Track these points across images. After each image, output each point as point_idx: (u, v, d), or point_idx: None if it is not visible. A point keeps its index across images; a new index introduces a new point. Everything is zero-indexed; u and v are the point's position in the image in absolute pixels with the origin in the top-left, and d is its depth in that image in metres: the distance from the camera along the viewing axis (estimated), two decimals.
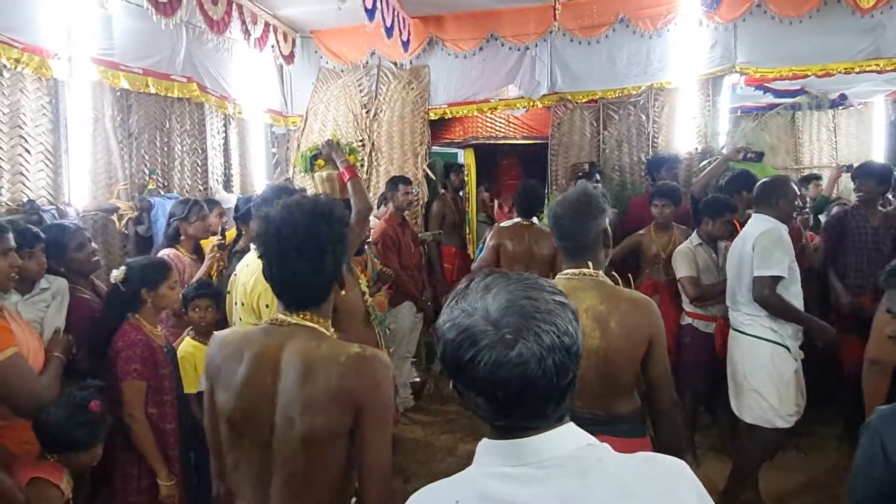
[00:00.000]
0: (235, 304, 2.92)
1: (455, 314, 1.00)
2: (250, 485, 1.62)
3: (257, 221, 1.74)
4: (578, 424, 2.08)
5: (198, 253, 3.94)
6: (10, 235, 2.34)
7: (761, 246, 3.21)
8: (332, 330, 1.71)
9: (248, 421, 1.60)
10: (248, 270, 2.86)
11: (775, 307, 3.22)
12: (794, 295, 3.28)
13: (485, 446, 1.04)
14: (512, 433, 1.00)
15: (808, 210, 6.24)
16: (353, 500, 1.69)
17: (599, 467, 0.99)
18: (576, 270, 2.14)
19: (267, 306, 2.74)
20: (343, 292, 1.77)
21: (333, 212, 1.69)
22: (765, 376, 3.29)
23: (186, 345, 3.05)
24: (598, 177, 5.65)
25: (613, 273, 2.26)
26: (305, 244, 1.61)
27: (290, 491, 1.57)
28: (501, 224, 4.65)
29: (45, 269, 2.68)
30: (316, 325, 1.65)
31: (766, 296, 3.19)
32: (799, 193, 3.52)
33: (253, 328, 1.77)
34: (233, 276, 3.01)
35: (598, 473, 0.98)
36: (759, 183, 3.56)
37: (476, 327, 0.97)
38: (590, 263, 2.13)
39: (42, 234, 2.69)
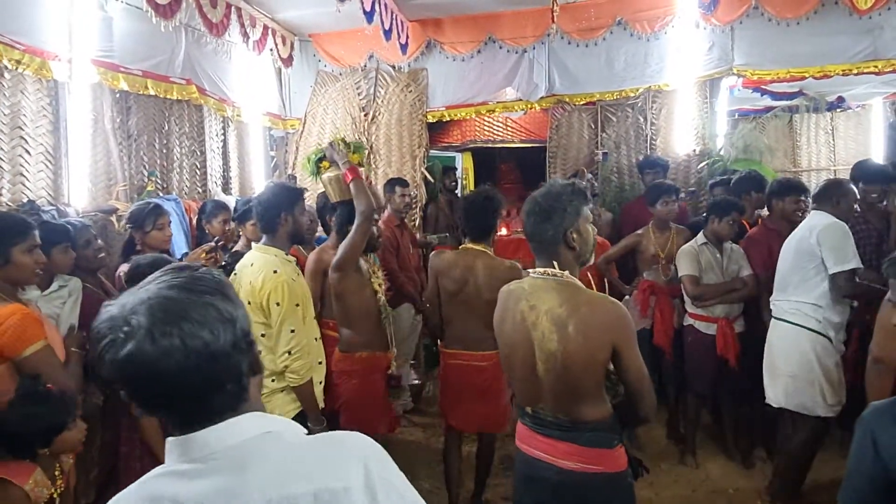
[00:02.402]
0: None
1: (117, 301, 1.00)
2: (459, 319, 3.39)
3: (462, 201, 3.82)
4: (542, 427, 2.13)
5: None
6: (37, 233, 2.42)
7: (832, 242, 3.24)
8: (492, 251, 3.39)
9: (459, 291, 3.33)
10: (253, 269, 2.83)
11: (863, 294, 3.35)
12: None
13: (167, 443, 1.02)
14: (183, 428, 1.00)
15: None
16: None
17: (262, 456, 0.98)
18: (541, 270, 2.10)
19: (278, 304, 2.73)
20: (493, 239, 3.42)
21: (495, 194, 3.40)
22: (805, 364, 3.31)
23: None
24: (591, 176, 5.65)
25: (588, 275, 2.23)
26: (479, 212, 3.32)
27: (481, 320, 3.09)
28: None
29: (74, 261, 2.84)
30: (486, 250, 3.33)
31: (852, 287, 3.26)
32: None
33: (454, 251, 3.52)
34: (233, 275, 2.98)
35: (259, 462, 0.97)
36: (822, 183, 3.67)
37: (113, 319, 0.96)
38: (555, 263, 2.07)
39: (70, 230, 2.84)
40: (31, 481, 2.04)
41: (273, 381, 2.84)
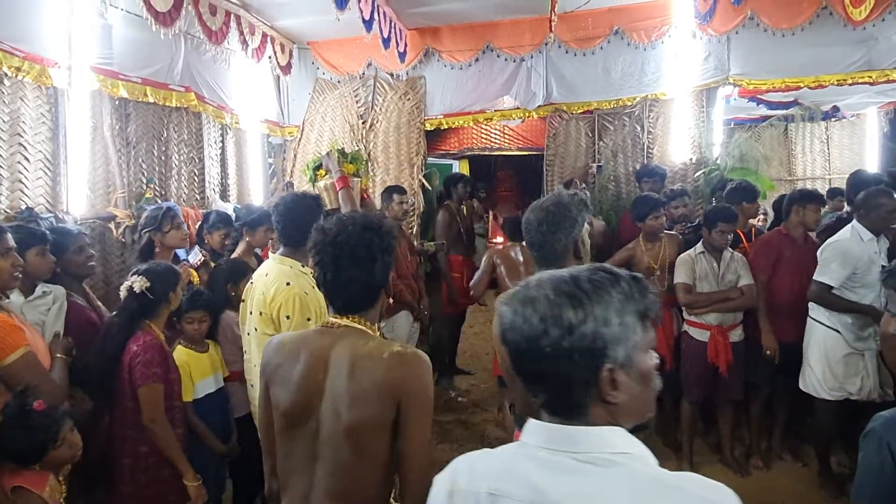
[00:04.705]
0: (251, 312, 2.86)
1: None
2: (298, 475, 1.71)
3: (314, 233, 1.81)
4: None
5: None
6: (9, 236, 2.40)
7: (824, 256, 3.76)
8: (379, 332, 1.88)
9: (301, 414, 1.70)
10: (268, 280, 2.80)
11: (829, 305, 3.77)
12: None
13: (530, 422, 1.11)
14: (544, 411, 1.09)
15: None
16: (393, 493, 1.75)
17: (621, 474, 1.04)
18: None
19: (288, 317, 2.68)
20: (391, 300, 1.90)
21: (382, 225, 1.80)
22: (816, 352, 3.82)
23: (180, 353, 3.02)
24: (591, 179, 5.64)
25: None
26: (358, 252, 1.71)
27: (333, 479, 1.66)
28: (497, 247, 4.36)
29: (53, 266, 2.78)
30: (363, 328, 1.76)
31: (818, 297, 3.79)
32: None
33: (307, 331, 1.92)
34: (249, 283, 2.96)
35: (617, 479, 1.03)
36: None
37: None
38: None
39: (48, 234, 2.80)
40: (48, 488, 2.07)
41: None
